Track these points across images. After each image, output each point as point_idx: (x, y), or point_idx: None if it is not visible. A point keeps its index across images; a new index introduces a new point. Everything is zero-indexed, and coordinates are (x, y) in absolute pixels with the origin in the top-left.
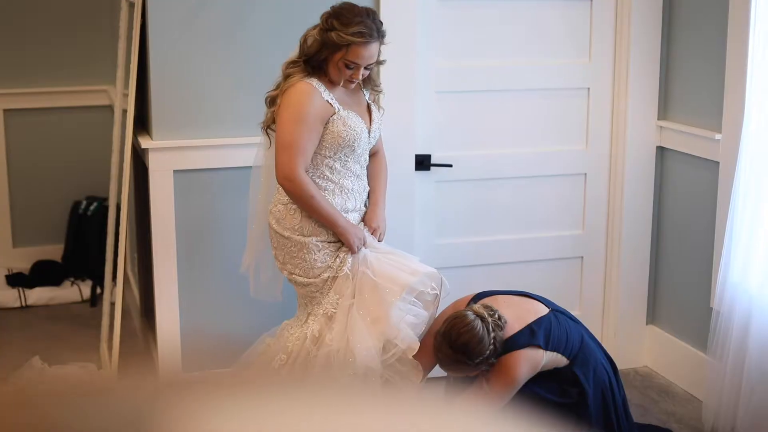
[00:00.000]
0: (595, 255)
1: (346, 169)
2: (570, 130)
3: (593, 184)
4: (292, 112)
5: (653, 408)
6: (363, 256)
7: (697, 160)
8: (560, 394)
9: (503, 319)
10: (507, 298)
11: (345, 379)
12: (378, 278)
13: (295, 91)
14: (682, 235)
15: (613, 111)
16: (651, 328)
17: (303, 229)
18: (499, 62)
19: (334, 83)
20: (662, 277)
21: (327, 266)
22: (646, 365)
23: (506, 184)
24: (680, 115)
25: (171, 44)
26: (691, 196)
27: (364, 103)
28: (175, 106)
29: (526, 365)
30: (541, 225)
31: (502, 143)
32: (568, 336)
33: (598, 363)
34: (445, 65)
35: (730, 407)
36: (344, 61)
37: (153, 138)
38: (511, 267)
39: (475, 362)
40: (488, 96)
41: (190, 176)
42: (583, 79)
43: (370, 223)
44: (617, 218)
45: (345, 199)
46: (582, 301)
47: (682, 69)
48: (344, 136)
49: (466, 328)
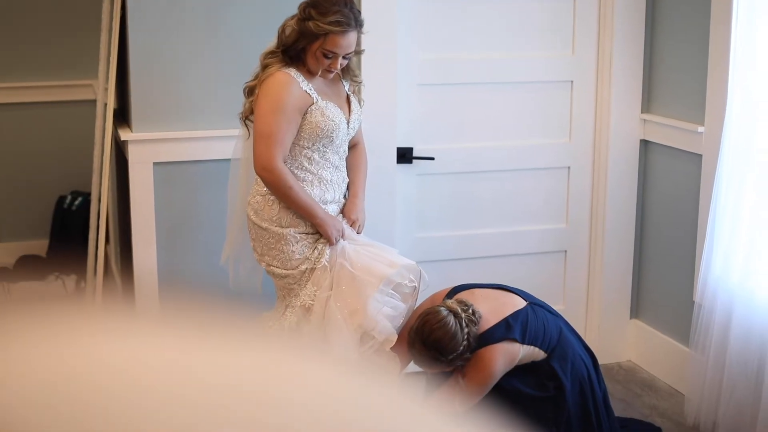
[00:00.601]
0: (578, 249)
1: (324, 159)
2: (553, 124)
3: (577, 178)
4: (270, 102)
5: (636, 402)
6: (341, 247)
7: (681, 153)
8: (538, 387)
9: (477, 314)
10: (484, 291)
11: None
12: (356, 270)
13: (273, 81)
14: (666, 229)
15: (596, 104)
16: (635, 322)
17: (281, 220)
18: (482, 55)
19: (313, 73)
20: (646, 271)
21: (305, 258)
22: (630, 359)
23: (489, 178)
24: (664, 108)
25: (151, 36)
26: (675, 189)
27: (344, 94)
28: (155, 99)
29: (502, 359)
30: (524, 219)
31: (484, 136)
32: (545, 329)
33: (577, 356)
34: (427, 57)
35: (712, 401)
36: (322, 51)
37: (133, 130)
38: (494, 261)
39: (449, 358)
40: (471, 89)
41: (171, 168)
42: (566, 72)
43: (349, 214)
44: (601, 212)
45: (324, 191)
46: (565, 296)
47: (665, 62)
48: (322, 126)
49: (439, 324)
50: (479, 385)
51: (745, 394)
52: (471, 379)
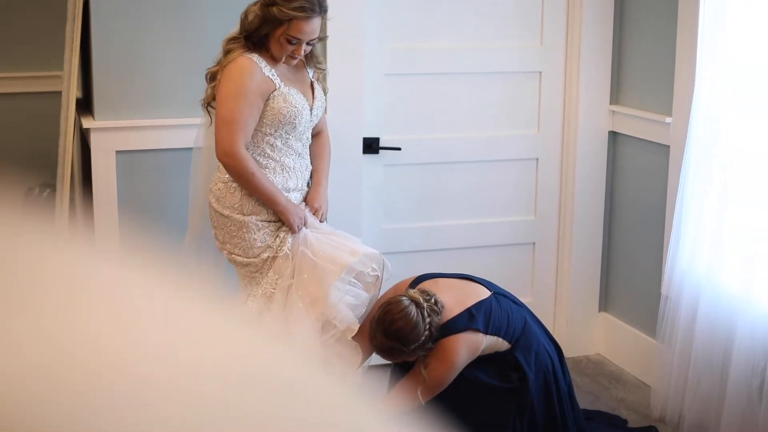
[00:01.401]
0: (546, 241)
1: (287, 146)
2: (522, 115)
3: (545, 169)
4: (232, 87)
5: (603, 395)
6: (303, 236)
7: (649, 145)
8: (501, 378)
9: (440, 304)
10: (447, 281)
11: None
12: (318, 258)
13: (235, 66)
14: (635, 221)
15: (565, 95)
16: (603, 315)
17: (243, 207)
18: (449, 45)
19: (276, 60)
20: (615, 263)
21: (267, 246)
22: (599, 353)
23: (456, 169)
24: (632, 99)
25: (113, 23)
26: (643, 181)
27: (308, 80)
28: (118, 86)
29: (464, 349)
30: (492, 210)
31: (452, 127)
32: (509, 320)
33: (541, 347)
34: (394, 47)
35: (678, 393)
36: (286, 37)
37: (95, 118)
38: (461, 253)
39: (411, 348)
40: (438, 79)
41: (133, 157)
42: (534, 62)
43: (312, 203)
44: (569, 204)
45: (286, 178)
46: (534, 288)
47: (634, 53)
48: (285, 112)
49: (400, 314)
50: (441, 376)
51: (710, 386)
52: (433, 369)
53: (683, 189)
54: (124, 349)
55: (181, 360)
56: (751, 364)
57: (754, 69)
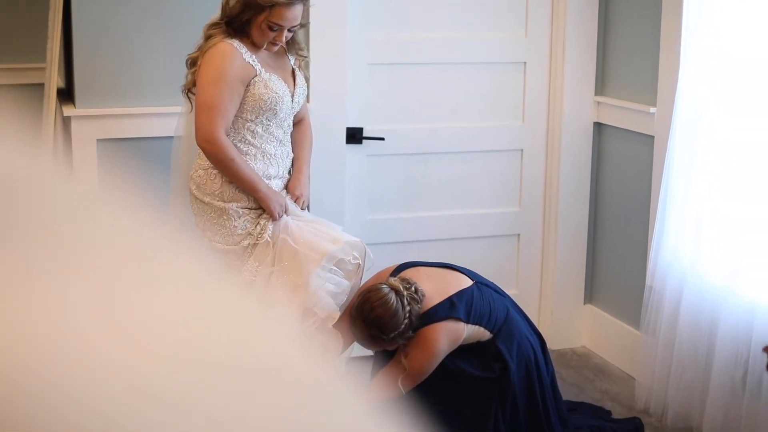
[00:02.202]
0: (531, 233)
1: (268, 133)
2: (506, 105)
3: (530, 161)
4: (213, 72)
5: (588, 387)
6: (284, 223)
7: (634, 135)
8: (483, 368)
9: (420, 292)
10: (429, 270)
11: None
12: (298, 246)
13: (216, 52)
14: (620, 212)
15: (550, 86)
16: (589, 307)
17: (223, 194)
18: (434, 35)
19: (258, 46)
20: (600, 255)
21: (247, 233)
22: (584, 345)
23: (441, 160)
24: (617, 90)
25: (94, 10)
26: (628, 172)
27: (289, 67)
28: (99, 74)
29: (445, 338)
30: (477, 201)
31: (436, 117)
32: (491, 309)
33: (523, 337)
34: (377, 37)
35: (662, 384)
36: (267, 23)
37: (76, 106)
38: (446, 244)
39: (390, 337)
40: (423, 69)
41: (115, 145)
42: (519, 53)
43: (293, 190)
44: (554, 195)
45: (267, 165)
46: (519, 281)
47: (619, 44)
48: (266, 99)
49: (380, 302)
50: (422, 365)
51: (694, 377)
52: (414, 358)
53: (667, 180)
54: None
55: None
56: (735, 354)
57: (738, 60)
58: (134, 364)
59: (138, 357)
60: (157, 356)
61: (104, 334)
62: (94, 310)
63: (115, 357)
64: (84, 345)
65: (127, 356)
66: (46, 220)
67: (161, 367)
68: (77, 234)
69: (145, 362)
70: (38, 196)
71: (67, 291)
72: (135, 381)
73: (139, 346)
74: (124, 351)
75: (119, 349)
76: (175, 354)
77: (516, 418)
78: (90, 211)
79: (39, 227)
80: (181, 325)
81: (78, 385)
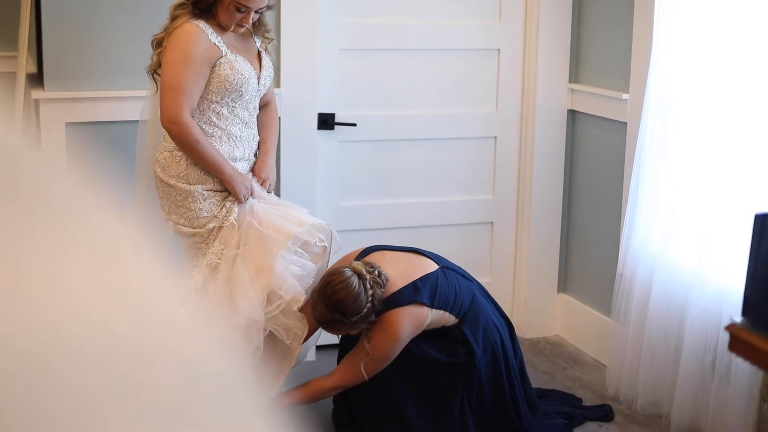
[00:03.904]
0: (505, 221)
1: (233, 115)
2: (480, 92)
3: (503, 148)
4: (178, 53)
5: (560, 375)
6: (250, 206)
7: (607, 122)
8: (448, 353)
9: (384, 276)
10: (395, 254)
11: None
12: (264, 228)
13: (181, 32)
14: (593, 200)
15: (524, 73)
16: (562, 296)
17: (188, 176)
18: (406, 20)
19: (224, 28)
20: (574, 243)
21: (213, 216)
22: (557, 334)
23: (413, 146)
24: (591, 77)
25: None
26: (602, 159)
27: (255, 49)
28: (68, 57)
29: (409, 323)
30: (450, 189)
31: (409, 104)
32: (457, 294)
33: (489, 322)
34: (350, 22)
35: (633, 371)
36: (235, 4)
37: (45, 89)
38: (418, 231)
39: (352, 321)
40: (395, 54)
41: (84, 129)
42: (493, 40)
43: (259, 173)
44: (528, 183)
45: (233, 147)
46: (492, 269)
47: (592, 30)
48: (231, 80)
49: (341, 285)
50: (385, 349)
51: (664, 363)
52: (377, 343)
53: (638, 166)
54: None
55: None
56: (704, 340)
57: (709, 47)
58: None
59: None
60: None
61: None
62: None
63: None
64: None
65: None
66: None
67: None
68: (34, 201)
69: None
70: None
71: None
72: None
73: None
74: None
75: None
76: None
77: (482, 404)
78: (52, 181)
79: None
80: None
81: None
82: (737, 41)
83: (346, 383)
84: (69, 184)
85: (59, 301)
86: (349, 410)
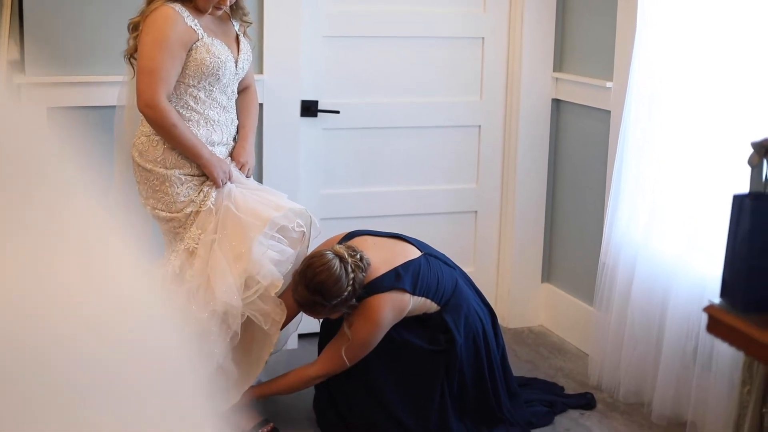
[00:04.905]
0: (489, 210)
1: (211, 99)
2: (464, 81)
3: (488, 137)
4: (154, 37)
5: (543, 364)
6: (228, 190)
7: (591, 111)
8: (429, 340)
9: (366, 261)
10: (377, 239)
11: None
12: (241, 213)
13: (158, 16)
14: (577, 189)
15: (508, 62)
16: (546, 286)
17: (166, 161)
18: (391, 8)
19: (202, 11)
20: (558, 233)
21: (190, 200)
22: (541, 324)
23: (397, 134)
24: (575, 66)
25: None
26: (586, 148)
27: (233, 33)
28: (49, 41)
29: (390, 309)
30: (434, 177)
31: (393, 92)
32: (439, 281)
33: (471, 310)
34: (333, 8)
35: (615, 359)
36: None
37: (26, 74)
38: (402, 220)
39: (333, 304)
40: (379, 42)
41: (65, 114)
42: (477, 28)
43: (237, 158)
44: (512, 172)
45: (210, 131)
46: (476, 258)
47: (577, 19)
48: (208, 63)
49: (323, 267)
50: (366, 335)
51: (646, 351)
52: (358, 328)
53: (621, 154)
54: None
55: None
56: (686, 328)
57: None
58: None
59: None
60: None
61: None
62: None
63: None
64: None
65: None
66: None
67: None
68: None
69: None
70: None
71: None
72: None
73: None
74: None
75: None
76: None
77: (463, 391)
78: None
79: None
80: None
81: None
82: (720, 30)
83: (329, 371)
84: (52, 169)
85: (40, 291)
86: (330, 397)
